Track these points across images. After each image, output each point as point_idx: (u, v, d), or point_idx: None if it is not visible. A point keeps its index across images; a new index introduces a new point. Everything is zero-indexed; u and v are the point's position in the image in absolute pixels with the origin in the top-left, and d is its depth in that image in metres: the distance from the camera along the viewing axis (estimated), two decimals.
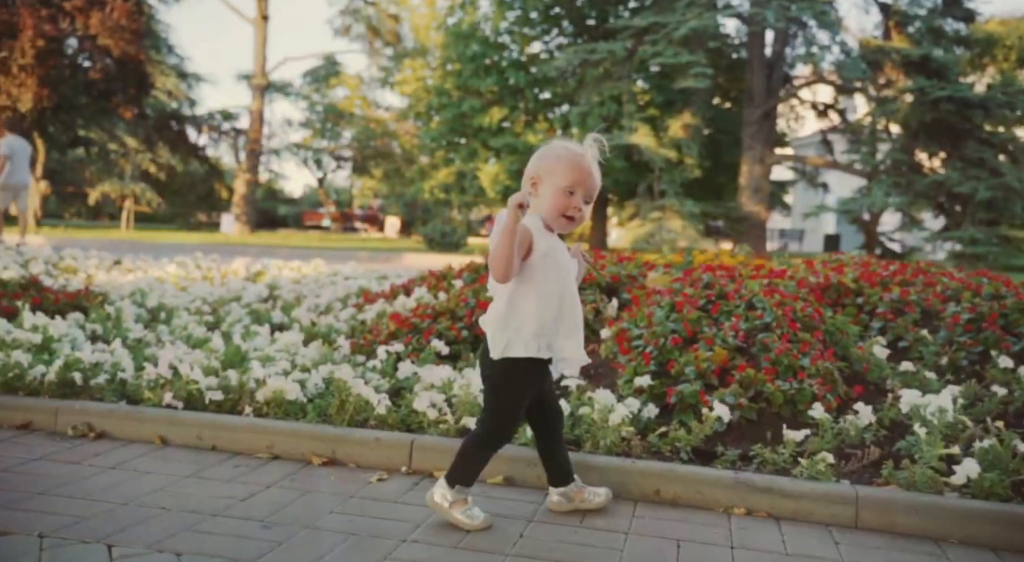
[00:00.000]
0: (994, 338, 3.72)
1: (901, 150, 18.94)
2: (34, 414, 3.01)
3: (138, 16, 22.66)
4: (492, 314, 2.24)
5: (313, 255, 13.83)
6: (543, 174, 2.18)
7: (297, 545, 2.04)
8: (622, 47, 18.71)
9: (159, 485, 2.45)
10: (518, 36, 23.74)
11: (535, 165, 2.21)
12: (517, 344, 2.15)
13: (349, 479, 2.60)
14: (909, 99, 18.12)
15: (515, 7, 23.08)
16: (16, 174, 10.88)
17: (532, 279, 2.14)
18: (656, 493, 2.54)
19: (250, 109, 26.54)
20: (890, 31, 20.82)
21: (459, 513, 2.22)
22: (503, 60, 22.94)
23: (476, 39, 22.77)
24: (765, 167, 21.07)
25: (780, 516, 2.43)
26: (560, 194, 2.15)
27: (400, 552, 2.04)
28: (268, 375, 3.22)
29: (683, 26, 18.24)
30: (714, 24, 18.12)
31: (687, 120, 18.93)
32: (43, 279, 6.69)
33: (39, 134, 22.42)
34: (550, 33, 24.16)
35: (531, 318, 2.15)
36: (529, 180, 2.21)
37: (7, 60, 20.08)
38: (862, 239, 20.66)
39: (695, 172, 19.01)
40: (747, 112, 20.98)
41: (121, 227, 25.74)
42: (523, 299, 2.16)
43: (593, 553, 2.09)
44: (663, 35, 18.49)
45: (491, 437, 2.27)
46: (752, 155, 20.88)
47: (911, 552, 2.20)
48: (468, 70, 22.72)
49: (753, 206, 20.89)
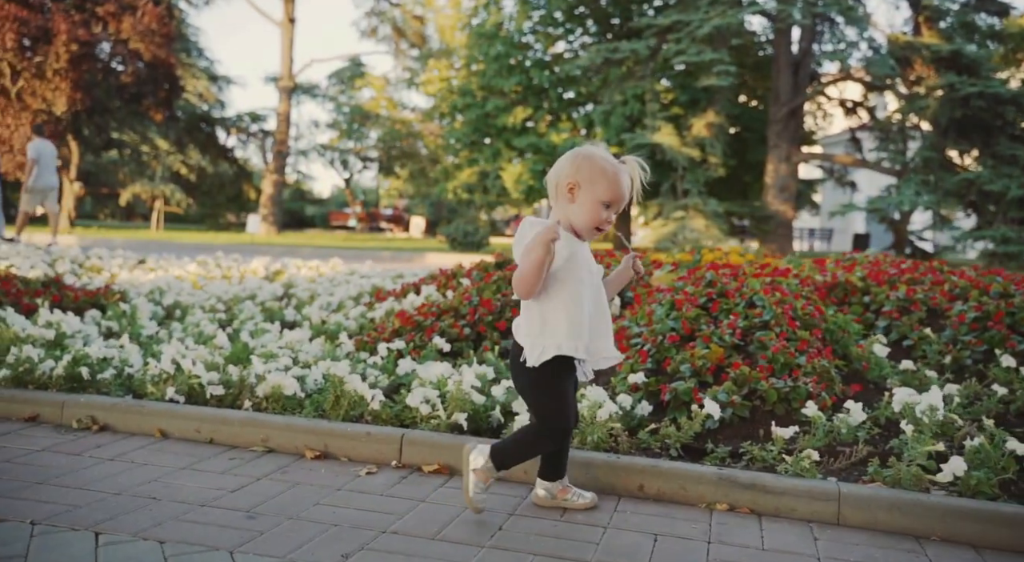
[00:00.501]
0: (999, 337, 3.68)
1: (931, 148, 18.64)
2: (41, 407, 3.11)
3: (168, 20, 23.04)
4: (524, 323, 2.25)
5: (335, 255, 13.99)
6: (584, 183, 2.17)
7: (277, 534, 2.10)
8: (645, 46, 18.65)
9: (153, 476, 2.52)
10: (542, 36, 23.76)
11: (576, 171, 2.19)
12: (551, 349, 2.17)
13: (339, 472, 2.66)
14: (939, 95, 17.84)
15: (539, 7, 23.11)
16: (43, 177, 11.14)
17: (558, 286, 2.16)
18: (640, 488, 2.56)
19: (277, 111, 26.85)
20: (920, 26, 20.51)
21: (473, 482, 2.28)
22: (527, 60, 22.98)
23: (500, 39, 22.84)
24: (791, 166, 20.86)
25: (763, 512, 2.43)
26: (598, 206, 2.17)
27: (377, 542, 2.08)
28: (268, 371, 3.29)
29: (706, 24, 18.14)
30: (738, 22, 17.99)
31: (711, 119, 18.82)
32: (68, 278, 6.87)
33: (73, 137, 22.89)
34: (574, 33, 24.15)
35: (562, 323, 2.16)
36: (567, 185, 2.19)
37: (42, 65, 20.53)
38: (892, 238, 20.39)
39: (719, 171, 18.90)
40: (773, 110, 20.79)
41: (151, 227, 26.19)
42: (552, 306, 2.17)
43: (569, 546, 2.12)
44: (686, 33, 18.40)
45: (545, 437, 2.29)
46: (778, 153, 20.69)
47: (891, 549, 2.20)
48: (492, 70, 22.79)
49: (779, 205, 20.70)
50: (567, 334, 2.16)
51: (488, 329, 4.14)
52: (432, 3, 33.52)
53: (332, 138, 35.50)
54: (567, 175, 2.20)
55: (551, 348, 2.17)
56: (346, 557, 1.98)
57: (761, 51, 23.83)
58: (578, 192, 2.18)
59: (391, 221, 34.90)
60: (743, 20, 20.94)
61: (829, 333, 3.70)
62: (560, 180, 2.21)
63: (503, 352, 4.00)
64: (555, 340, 2.17)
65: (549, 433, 2.27)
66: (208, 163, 30.06)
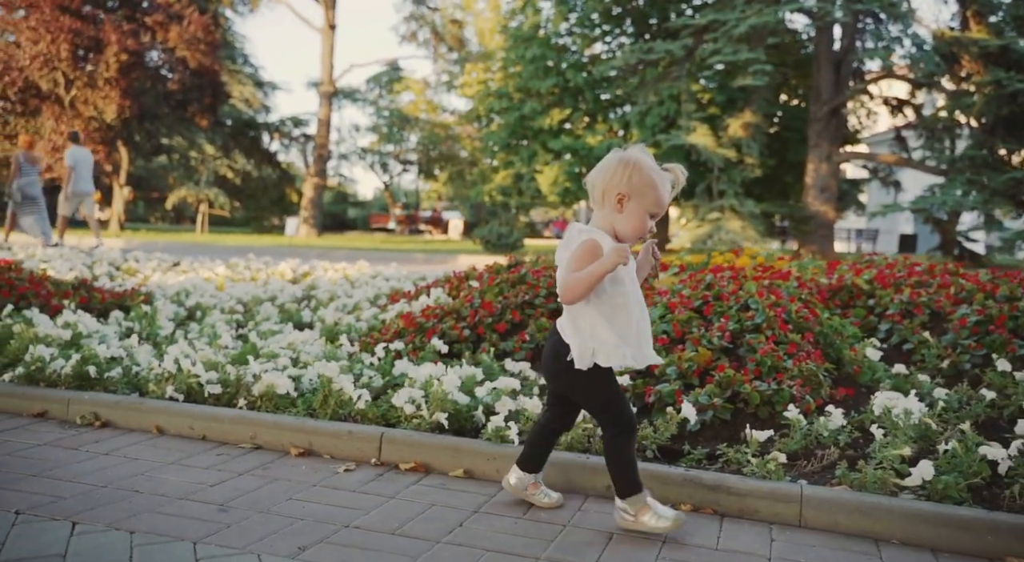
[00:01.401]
0: (1000, 341, 3.63)
1: (977, 146, 18.17)
2: (49, 404, 3.27)
3: (214, 28, 23.64)
4: (570, 324, 2.25)
5: (368, 257, 14.21)
6: (635, 195, 2.17)
7: (243, 527, 2.19)
8: (680, 46, 18.55)
9: (141, 470, 2.65)
10: (579, 37, 23.77)
11: (627, 181, 2.17)
12: (601, 354, 2.19)
13: (319, 469, 2.75)
14: (986, 92, 17.38)
15: (576, 9, 23.12)
16: (79, 183, 11.60)
17: (608, 293, 2.18)
18: (608, 488, 2.60)
19: (318, 116, 27.33)
20: (968, 21, 20.01)
21: (647, 519, 2.25)
22: (563, 61, 23.00)
23: (537, 41, 22.90)
24: (832, 165, 20.51)
25: (726, 513, 2.46)
26: (645, 218, 2.18)
27: (337, 536, 2.17)
28: (265, 371, 3.41)
29: (743, 23, 17.95)
30: (774, 20, 17.76)
31: (747, 119, 18.62)
32: (104, 280, 7.14)
33: (123, 143, 23.60)
34: (612, 34, 24.11)
35: (613, 330, 2.19)
36: (616, 195, 2.17)
37: (94, 74, 21.23)
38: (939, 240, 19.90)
39: (755, 172, 18.68)
40: (813, 109, 20.48)
41: (196, 230, 26.87)
42: (602, 313, 2.19)
43: (523, 543, 2.18)
44: (723, 33, 18.24)
45: (625, 429, 2.29)
46: (818, 153, 20.37)
47: (846, 550, 2.21)
48: (528, 72, 22.86)
49: (819, 206, 20.37)
50: (617, 341, 2.19)
51: (487, 331, 4.21)
52: (471, 7, 33.74)
53: (372, 142, 35.96)
54: (616, 185, 2.17)
55: (601, 355, 2.19)
56: (303, 549, 2.07)
57: (803, 49, 23.50)
58: (627, 203, 2.17)
59: (430, 223, 35.21)
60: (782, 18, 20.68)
61: (823, 336, 3.68)
62: (608, 189, 2.19)
63: (500, 354, 4.07)
64: (604, 347, 2.19)
65: (622, 428, 2.28)
66: (253, 167, 30.72)
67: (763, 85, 18.35)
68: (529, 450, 2.49)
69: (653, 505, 2.28)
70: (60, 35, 20.34)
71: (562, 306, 2.27)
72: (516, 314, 4.31)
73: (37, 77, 20.74)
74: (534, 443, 2.48)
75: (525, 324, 4.29)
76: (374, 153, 35.99)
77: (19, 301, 4.97)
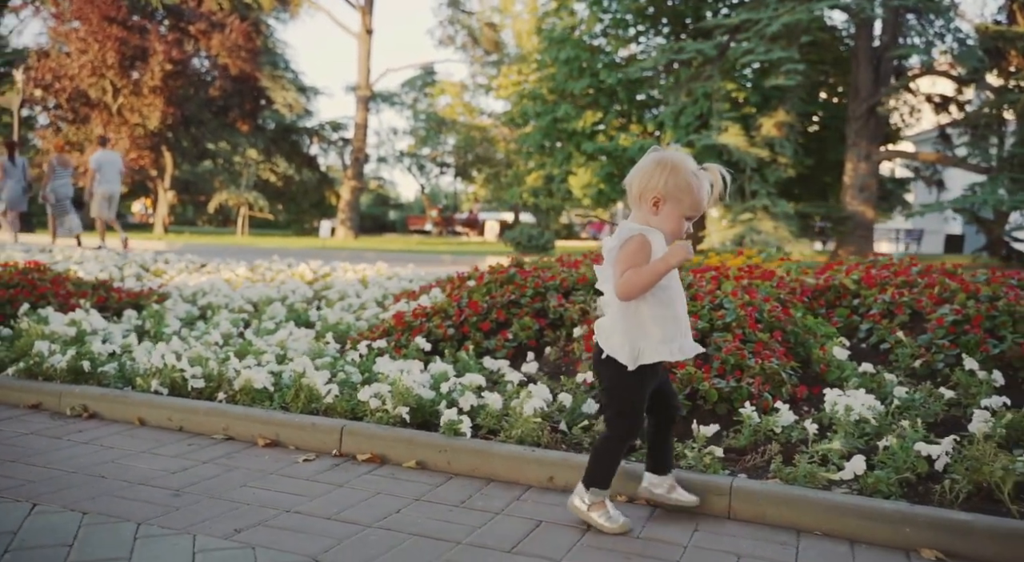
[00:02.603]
0: (975, 341, 3.61)
1: (1021, 143, 17.71)
2: (43, 396, 3.48)
3: (254, 36, 24.22)
4: (613, 324, 2.27)
5: (397, 258, 14.45)
6: (671, 199, 2.19)
7: (189, 510, 2.34)
8: (711, 46, 18.44)
9: (112, 458, 2.82)
10: (613, 39, 23.76)
11: (664, 184, 2.19)
12: (648, 351, 2.22)
13: (281, 459, 2.90)
14: None
15: (610, 10, 23.12)
16: (104, 183, 12.10)
17: (654, 298, 2.21)
18: (550, 480, 2.69)
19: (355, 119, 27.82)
20: (1015, 15, 19.50)
21: (597, 515, 2.29)
22: (597, 62, 23.01)
23: (570, 42, 22.95)
24: (871, 164, 20.16)
25: (659, 504, 2.52)
26: (681, 220, 2.22)
27: (276, 520, 2.30)
28: (247, 367, 3.57)
29: (775, 22, 17.78)
30: (807, 18, 17.53)
31: (781, 118, 18.41)
32: (131, 281, 7.42)
33: (167, 148, 24.30)
34: (647, 34, 24.04)
35: (656, 325, 2.22)
36: (652, 198, 2.19)
37: (139, 82, 21.93)
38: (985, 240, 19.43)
39: (789, 172, 18.46)
40: (852, 107, 20.17)
41: (237, 233, 27.53)
42: (646, 308, 2.22)
43: (449, 528, 2.28)
44: (755, 32, 18.08)
45: (626, 437, 2.32)
46: (857, 152, 20.05)
47: (765, 540, 2.27)
48: (563, 73, 22.92)
49: (858, 206, 20.04)
50: (664, 337, 2.22)
51: (471, 329, 4.32)
52: (509, 9, 33.91)
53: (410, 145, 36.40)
54: (654, 188, 2.19)
55: (648, 351, 2.22)
56: (238, 531, 2.20)
57: (843, 46, 23.13)
58: (663, 206, 2.19)
59: (466, 225, 35.51)
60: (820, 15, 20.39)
61: (794, 335, 3.71)
62: (645, 191, 2.21)
63: (483, 352, 4.17)
64: (651, 343, 2.22)
65: (623, 440, 2.32)
66: (294, 171, 31.37)
67: (796, 84, 18.13)
68: (651, 453, 2.48)
69: (608, 506, 2.33)
70: (107, 44, 21.08)
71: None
72: (501, 313, 4.41)
73: (86, 85, 21.50)
74: (652, 445, 2.48)
75: (510, 323, 4.39)
76: (411, 156, 36.44)
77: (38, 301, 5.24)
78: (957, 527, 2.21)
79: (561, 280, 4.69)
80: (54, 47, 22.66)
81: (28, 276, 5.58)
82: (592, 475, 2.34)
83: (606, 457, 2.34)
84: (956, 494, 2.42)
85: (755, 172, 18.45)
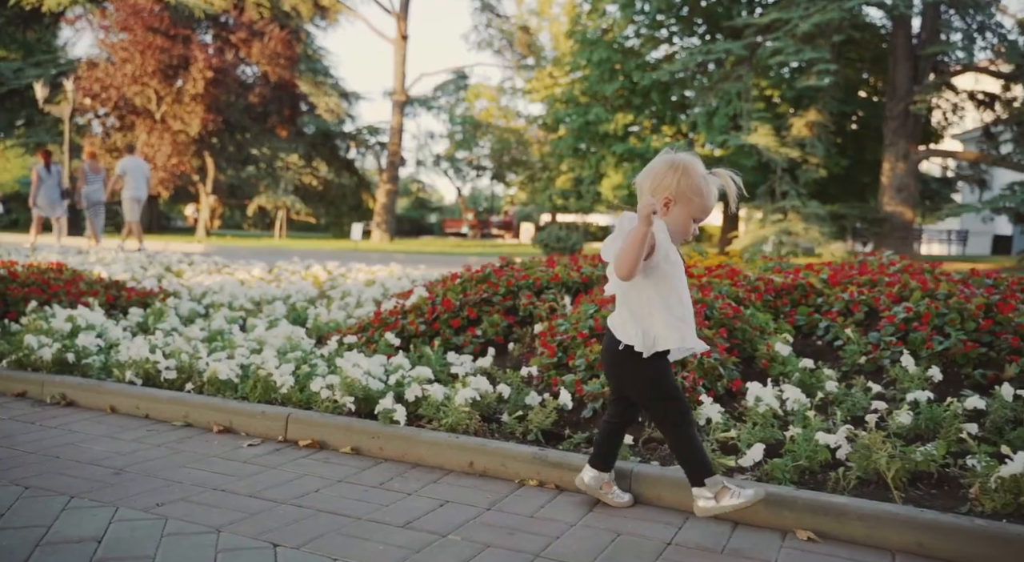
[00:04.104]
0: (920, 338, 3.66)
1: None
2: (29, 385, 3.75)
3: (294, 43, 24.80)
4: (630, 316, 2.31)
5: (422, 261, 14.70)
6: (680, 199, 2.24)
7: (122, 486, 2.55)
8: (740, 46, 18.33)
9: (74, 441, 3.05)
10: (647, 39, 23.75)
11: (676, 186, 2.24)
12: (660, 340, 2.27)
13: (228, 444, 3.10)
14: None
15: (643, 11, 23.12)
16: (131, 188, 12.58)
17: (658, 279, 2.25)
18: (470, 465, 2.84)
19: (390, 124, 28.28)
20: None
21: (728, 499, 2.25)
22: (630, 63, 23.02)
23: (602, 43, 23.02)
24: (910, 164, 19.79)
25: (565, 488, 2.65)
26: (689, 222, 2.28)
27: (199, 496, 2.49)
28: (216, 360, 3.79)
29: (806, 21, 17.60)
30: (839, 17, 17.31)
31: (812, 117, 18.21)
32: (152, 280, 7.76)
33: (210, 154, 25.02)
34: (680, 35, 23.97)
35: (663, 315, 2.26)
36: (664, 198, 2.24)
37: (181, 90, 22.65)
38: None
39: (820, 172, 18.24)
40: (889, 105, 19.85)
41: (275, 236, 28.19)
42: (653, 298, 2.26)
43: (356, 506, 2.44)
44: (785, 31, 17.93)
45: (683, 420, 2.32)
46: (894, 151, 19.72)
47: (651, 521, 2.38)
48: (595, 75, 23.00)
49: (896, 206, 19.70)
50: (677, 322, 2.27)
51: (442, 326, 4.49)
52: (547, 12, 34.04)
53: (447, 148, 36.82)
54: (666, 188, 2.24)
55: (662, 339, 2.26)
56: (160, 505, 2.40)
57: (884, 43, 22.75)
58: (672, 207, 2.25)
59: (502, 227, 35.74)
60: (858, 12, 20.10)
61: (741, 332, 3.80)
62: (657, 191, 2.25)
63: (453, 347, 4.32)
64: (664, 330, 2.26)
65: (681, 416, 2.31)
66: (333, 175, 31.98)
67: (828, 84, 17.92)
68: (598, 449, 2.52)
69: (730, 485, 2.29)
70: (149, 54, 21.83)
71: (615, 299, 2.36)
72: (473, 311, 4.57)
73: (131, 94, 22.30)
74: (602, 441, 2.51)
75: (481, 321, 4.55)
76: (448, 159, 36.86)
77: (50, 299, 5.56)
78: (831, 510, 2.30)
79: (534, 279, 4.83)
80: (101, 57, 23.55)
81: (45, 276, 5.92)
82: (694, 471, 2.31)
83: (690, 447, 2.31)
84: (848, 481, 2.50)
85: (785, 173, 18.29)
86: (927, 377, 3.32)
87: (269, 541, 2.16)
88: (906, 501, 2.39)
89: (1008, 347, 3.48)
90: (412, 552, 2.12)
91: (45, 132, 27.10)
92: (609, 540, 2.24)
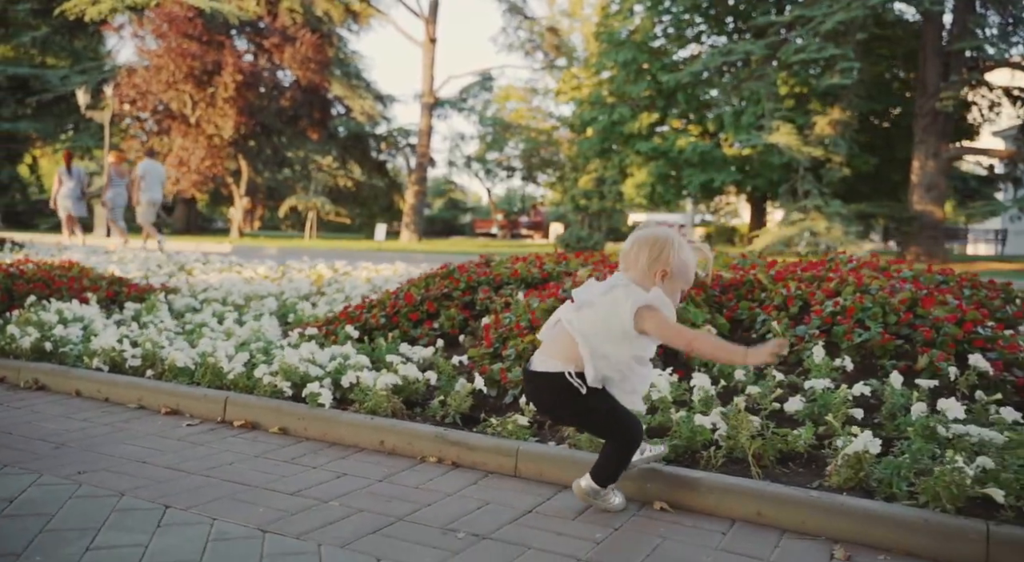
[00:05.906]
0: (841, 332, 3.77)
1: None
2: (7, 371, 4.07)
3: (325, 48, 25.34)
4: (567, 354, 2.38)
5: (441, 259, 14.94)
6: (675, 275, 2.41)
7: (55, 458, 2.82)
8: (761, 45, 18.27)
9: (30, 420, 3.34)
10: (674, 38, 23.75)
11: (669, 262, 2.39)
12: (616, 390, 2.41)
13: (170, 424, 3.36)
14: None
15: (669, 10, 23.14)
16: (147, 191, 13.05)
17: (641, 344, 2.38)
18: (381, 444, 3.06)
19: (419, 125, 28.71)
20: None
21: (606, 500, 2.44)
22: (657, 63, 23.06)
23: (628, 43, 23.10)
24: (940, 162, 19.50)
25: (463, 464, 2.85)
26: (679, 292, 2.47)
27: (119, 467, 2.74)
28: (178, 349, 4.07)
29: (829, 19, 17.49)
30: (863, 14, 17.16)
31: (836, 116, 18.07)
32: (160, 277, 8.13)
33: (243, 156, 25.69)
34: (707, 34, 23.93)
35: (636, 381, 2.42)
36: (661, 272, 2.39)
37: (214, 94, 23.31)
38: None
39: (844, 171, 18.08)
40: (919, 103, 19.58)
41: (305, 236, 28.80)
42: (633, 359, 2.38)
43: (264, 478, 2.67)
44: (808, 29, 17.82)
45: (631, 446, 2.44)
46: (924, 149, 19.45)
47: (523, 492, 2.57)
48: (622, 76, 23.09)
49: (926, 205, 19.42)
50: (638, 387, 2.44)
51: (401, 319, 4.71)
52: (578, 13, 34.14)
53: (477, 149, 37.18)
54: (662, 263, 2.40)
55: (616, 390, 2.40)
56: (81, 472, 2.66)
57: (916, 39, 22.42)
58: (667, 280, 2.41)
59: (531, 228, 35.96)
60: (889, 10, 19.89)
61: None
62: (655, 264, 2.40)
63: (410, 339, 4.55)
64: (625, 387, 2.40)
65: (633, 441, 2.44)
66: (365, 176, 32.55)
67: (853, 82, 17.76)
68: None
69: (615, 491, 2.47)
70: (182, 60, 22.54)
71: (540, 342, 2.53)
72: (432, 305, 4.79)
73: (167, 99, 23.05)
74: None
75: (439, 314, 4.76)
76: (479, 160, 37.23)
77: (52, 294, 5.92)
78: (686, 483, 2.48)
79: (494, 276, 5.03)
80: (140, 64, 24.36)
81: (51, 272, 6.30)
82: (601, 473, 2.42)
83: (616, 459, 2.43)
84: (717, 459, 2.66)
85: (808, 172, 18.17)
86: (838, 367, 3.44)
87: (163, 503, 2.40)
88: (768, 477, 2.54)
89: (922, 339, 3.58)
90: (288, 514, 2.34)
91: (90, 137, 28.10)
92: (475, 507, 2.44)
